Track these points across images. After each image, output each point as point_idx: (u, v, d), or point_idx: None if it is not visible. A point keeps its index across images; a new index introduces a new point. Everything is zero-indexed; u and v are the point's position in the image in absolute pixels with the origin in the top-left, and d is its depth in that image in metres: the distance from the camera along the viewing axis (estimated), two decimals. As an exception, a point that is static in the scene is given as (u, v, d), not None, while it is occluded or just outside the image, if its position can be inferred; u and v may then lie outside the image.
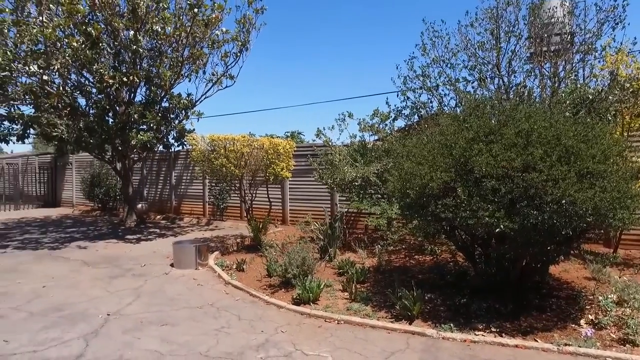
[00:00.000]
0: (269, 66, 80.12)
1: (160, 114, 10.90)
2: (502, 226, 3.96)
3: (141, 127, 10.84)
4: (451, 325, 4.33)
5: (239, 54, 10.85)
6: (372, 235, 8.87)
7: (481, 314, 4.62)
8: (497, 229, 4.01)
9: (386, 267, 6.65)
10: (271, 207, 10.19)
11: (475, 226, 4.17)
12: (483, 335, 4.15)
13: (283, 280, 5.85)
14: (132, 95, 11.24)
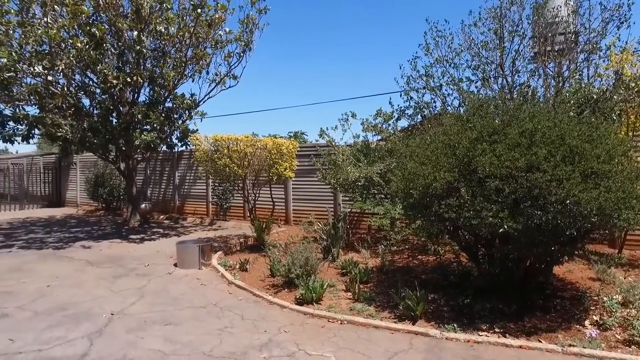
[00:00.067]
0: (272, 66, 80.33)
1: (163, 114, 10.94)
2: (505, 226, 3.94)
3: (145, 127, 10.88)
4: (454, 325, 4.32)
5: (242, 54, 10.90)
6: (375, 236, 8.85)
7: (485, 315, 4.61)
8: (500, 229, 3.99)
9: (389, 267, 6.64)
10: (274, 207, 10.20)
11: (478, 226, 4.16)
12: (487, 336, 4.14)
13: (286, 280, 5.85)
14: (136, 95, 11.30)
